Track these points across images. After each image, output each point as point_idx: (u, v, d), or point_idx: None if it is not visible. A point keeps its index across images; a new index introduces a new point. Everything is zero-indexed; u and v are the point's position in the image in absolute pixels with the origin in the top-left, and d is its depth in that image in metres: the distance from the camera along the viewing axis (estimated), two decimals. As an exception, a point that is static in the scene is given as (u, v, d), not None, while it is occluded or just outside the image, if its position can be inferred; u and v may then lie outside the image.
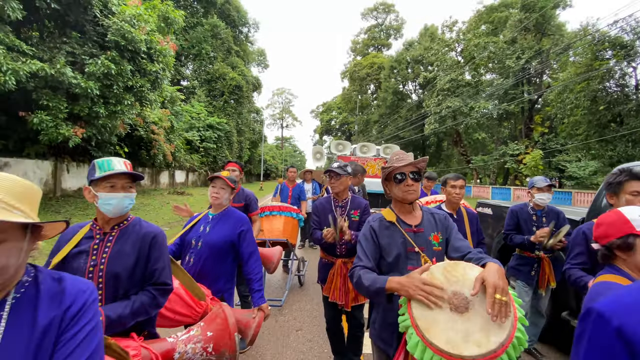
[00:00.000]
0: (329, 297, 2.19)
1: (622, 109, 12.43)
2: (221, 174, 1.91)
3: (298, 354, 2.60)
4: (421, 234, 1.35)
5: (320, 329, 2.91)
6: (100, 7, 8.82)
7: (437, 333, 1.00)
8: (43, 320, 0.67)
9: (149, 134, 13.71)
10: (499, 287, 0.98)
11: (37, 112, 7.64)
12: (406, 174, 1.36)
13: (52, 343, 0.67)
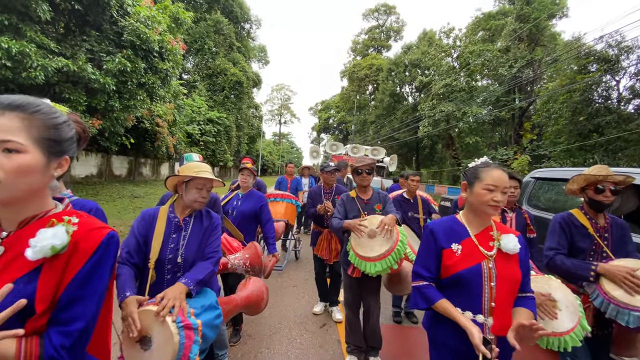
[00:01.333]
0: (317, 254, 3.21)
1: (601, 121, 13.54)
2: (247, 166, 2.88)
3: (294, 301, 3.61)
4: (369, 204, 2.37)
5: (310, 287, 3.90)
6: (117, 7, 9.66)
7: (359, 248, 2.12)
8: (205, 224, 1.63)
9: (154, 127, 14.55)
10: (385, 222, 2.05)
11: (59, 105, 8.50)
12: (362, 170, 2.36)
13: (207, 236, 1.61)
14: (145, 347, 1.22)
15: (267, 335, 2.92)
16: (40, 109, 0.77)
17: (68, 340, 0.75)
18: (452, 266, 1.34)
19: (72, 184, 12.04)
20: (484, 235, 1.39)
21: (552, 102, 15.29)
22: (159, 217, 1.60)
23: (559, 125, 14.59)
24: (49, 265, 0.76)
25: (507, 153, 20.52)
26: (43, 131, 0.77)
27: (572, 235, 1.79)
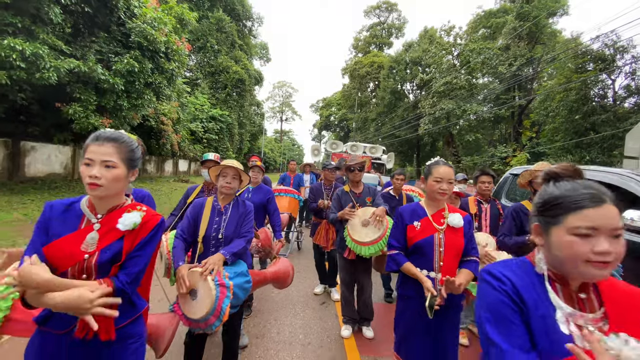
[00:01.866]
0: (316, 242, 3.63)
1: (596, 119, 13.87)
2: (257, 163, 3.28)
3: (297, 284, 4.04)
4: (361, 197, 2.77)
5: (311, 272, 4.32)
6: (124, 9, 10.03)
7: (355, 234, 2.51)
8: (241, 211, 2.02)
9: (159, 125, 14.96)
10: (377, 213, 2.44)
11: (71, 104, 8.91)
12: (355, 168, 2.76)
13: (242, 219, 2.01)
14: (193, 297, 1.73)
15: (275, 310, 3.38)
16: (124, 140, 1.24)
17: (129, 278, 1.18)
18: (413, 237, 1.82)
19: (78, 180, 12.46)
20: (437, 214, 1.86)
21: (550, 101, 15.61)
22: (206, 205, 2.09)
23: (555, 124, 14.92)
24: (128, 235, 1.23)
25: (506, 150, 20.89)
26: (126, 153, 1.22)
27: (522, 220, 2.20)
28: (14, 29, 7.66)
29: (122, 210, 1.25)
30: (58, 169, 11.87)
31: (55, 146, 11.58)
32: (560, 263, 0.83)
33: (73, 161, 12.44)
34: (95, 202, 1.25)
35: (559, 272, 0.85)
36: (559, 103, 14.60)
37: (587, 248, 0.76)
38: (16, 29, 7.68)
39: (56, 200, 1.27)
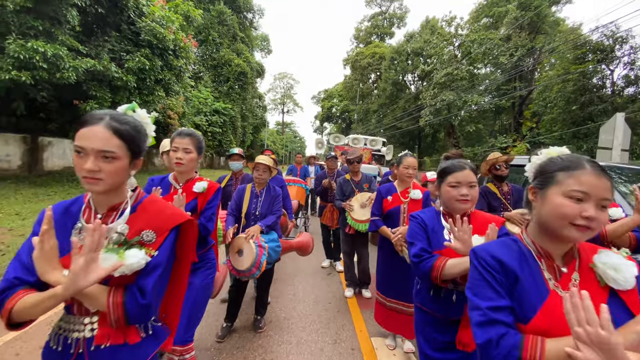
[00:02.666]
0: (323, 222, 4.30)
1: (593, 109, 14.33)
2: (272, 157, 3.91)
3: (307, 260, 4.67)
4: (359, 184, 3.40)
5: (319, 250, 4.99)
6: (133, 9, 10.54)
7: (354, 214, 3.19)
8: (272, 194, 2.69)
9: (166, 119, 15.56)
10: (372, 197, 3.08)
11: (88, 101, 9.53)
12: (354, 160, 3.39)
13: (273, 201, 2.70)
14: (240, 255, 2.44)
15: (289, 279, 4.16)
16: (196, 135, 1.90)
17: (205, 220, 1.86)
18: (386, 207, 2.58)
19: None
20: (404, 191, 2.68)
21: (548, 92, 16.04)
22: (246, 190, 2.83)
23: (553, 114, 15.38)
24: (201, 196, 1.88)
25: (506, 141, 21.33)
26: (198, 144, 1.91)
27: (488, 199, 2.81)
28: (36, 32, 8.23)
29: (194, 180, 1.95)
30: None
31: (69, 141, 12.21)
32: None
33: (86, 155, 13.10)
34: (177, 176, 1.95)
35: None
36: (557, 94, 15.04)
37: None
38: (37, 31, 8.24)
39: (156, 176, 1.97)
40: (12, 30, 7.99)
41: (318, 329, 2.99)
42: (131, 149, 1.00)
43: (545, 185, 0.93)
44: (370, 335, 2.93)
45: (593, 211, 0.83)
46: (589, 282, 0.92)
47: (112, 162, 0.95)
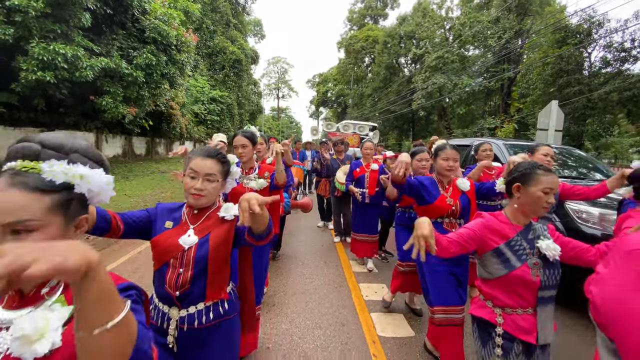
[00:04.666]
0: (318, 192, 5.66)
1: (568, 92, 15.59)
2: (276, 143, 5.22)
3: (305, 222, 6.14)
4: (343, 161, 4.76)
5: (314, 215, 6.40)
6: (137, 7, 11.49)
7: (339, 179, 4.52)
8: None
9: (168, 109, 16.64)
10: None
11: (103, 97, 10.64)
12: (337, 143, 4.73)
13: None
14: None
15: (297, 233, 5.88)
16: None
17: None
18: (356, 175, 3.92)
19: (103, 163, 14.37)
20: (367, 165, 3.98)
21: (530, 74, 17.23)
22: None
23: (534, 96, 16.63)
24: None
25: (494, 121, 22.62)
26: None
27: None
28: (55, 35, 9.26)
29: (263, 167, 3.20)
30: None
31: (81, 133, 13.36)
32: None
33: (97, 146, 14.27)
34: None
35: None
36: (537, 77, 16.24)
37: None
38: (56, 34, 9.27)
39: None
40: (34, 34, 8.99)
41: (316, 258, 4.61)
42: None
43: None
44: (350, 259, 4.59)
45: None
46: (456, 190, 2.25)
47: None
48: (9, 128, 10.63)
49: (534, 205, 1.43)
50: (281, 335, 2.63)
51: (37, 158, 0.72)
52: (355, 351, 2.44)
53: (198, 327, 1.36)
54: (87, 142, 0.83)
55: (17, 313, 0.68)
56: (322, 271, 4.08)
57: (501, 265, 1.45)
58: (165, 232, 1.38)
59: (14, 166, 0.69)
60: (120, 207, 7.40)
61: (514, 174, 1.51)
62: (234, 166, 1.60)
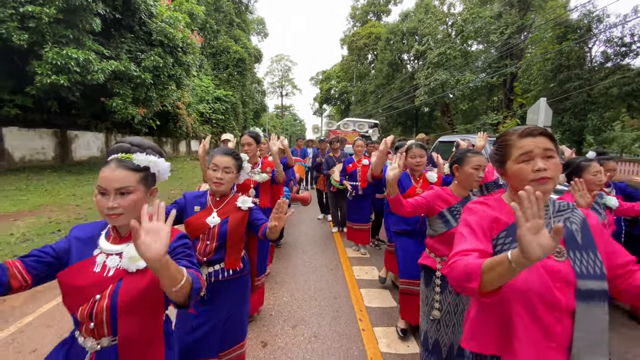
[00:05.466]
0: (317, 187, 6.13)
1: (569, 87, 15.81)
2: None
3: (306, 215, 6.57)
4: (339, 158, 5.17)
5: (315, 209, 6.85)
6: (144, 11, 11.97)
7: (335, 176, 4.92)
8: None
9: (175, 109, 17.18)
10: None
11: (113, 98, 11.17)
12: (333, 141, 5.19)
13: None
14: None
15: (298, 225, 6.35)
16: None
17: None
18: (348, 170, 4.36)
19: (113, 162, 14.94)
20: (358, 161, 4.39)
21: (531, 70, 17.44)
22: None
23: (534, 91, 16.86)
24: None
25: (497, 117, 22.83)
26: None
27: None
28: (67, 40, 9.77)
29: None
30: (96, 152, 14.30)
31: (92, 133, 13.97)
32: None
33: (107, 145, 14.86)
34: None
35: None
36: (537, 72, 16.46)
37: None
38: (68, 39, 9.78)
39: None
40: (47, 40, 9.50)
41: (315, 246, 5.11)
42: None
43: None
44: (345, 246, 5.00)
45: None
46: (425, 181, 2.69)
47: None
48: (24, 129, 11.20)
49: (468, 179, 1.84)
50: (283, 305, 3.12)
51: (129, 152, 1.16)
52: (344, 317, 2.91)
53: (222, 280, 1.85)
54: (153, 143, 1.27)
55: (120, 246, 1.13)
56: (320, 256, 4.55)
57: (443, 225, 1.93)
58: (195, 215, 1.84)
59: (117, 157, 1.14)
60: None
61: (454, 159, 1.96)
62: (245, 162, 2.07)
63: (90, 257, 1.12)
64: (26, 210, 6.88)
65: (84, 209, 7.22)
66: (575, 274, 0.97)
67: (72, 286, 1.08)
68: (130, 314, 1.08)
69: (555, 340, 0.95)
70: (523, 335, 0.97)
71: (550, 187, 0.99)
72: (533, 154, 1.01)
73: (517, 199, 0.78)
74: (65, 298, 1.09)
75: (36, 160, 11.61)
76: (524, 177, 1.02)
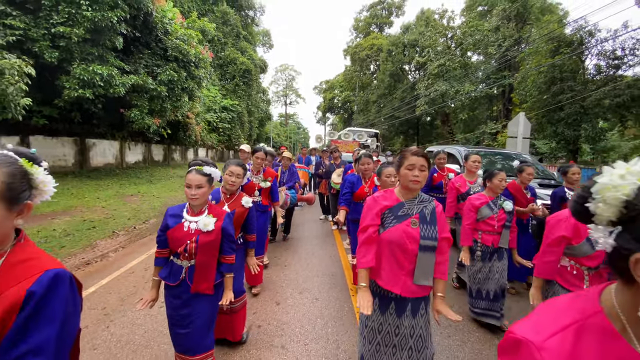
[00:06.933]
0: (319, 190, 7.01)
1: (562, 98, 16.66)
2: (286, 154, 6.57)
3: (309, 215, 7.40)
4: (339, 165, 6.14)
5: (317, 210, 7.70)
6: (161, 29, 13.09)
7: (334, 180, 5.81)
8: (292, 171, 5.44)
9: (185, 119, 18.24)
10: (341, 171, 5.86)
11: (131, 109, 12.20)
12: (332, 151, 6.16)
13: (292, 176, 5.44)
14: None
15: (302, 224, 7.04)
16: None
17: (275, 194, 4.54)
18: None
19: (125, 168, 15.97)
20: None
21: (525, 82, 18.35)
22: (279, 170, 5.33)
23: (528, 103, 17.73)
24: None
25: (495, 127, 23.68)
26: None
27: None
28: (93, 57, 10.83)
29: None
30: (111, 159, 15.29)
31: (108, 142, 14.99)
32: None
33: (121, 153, 15.88)
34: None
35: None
36: (532, 84, 17.36)
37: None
38: (94, 56, 10.84)
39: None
40: (75, 57, 10.56)
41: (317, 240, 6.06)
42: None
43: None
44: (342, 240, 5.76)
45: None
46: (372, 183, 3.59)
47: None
48: (48, 137, 12.22)
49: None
50: (291, 280, 3.97)
51: (201, 165, 2.02)
52: (338, 287, 3.75)
53: None
54: (210, 160, 2.14)
55: (195, 217, 2.02)
56: (321, 247, 5.37)
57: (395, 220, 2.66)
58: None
59: (196, 167, 1.99)
60: (153, 206, 8.83)
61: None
62: (249, 172, 2.99)
63: (180, 223, 2.01)
64: (60, 211, 7.80)
65: (109, 210, 8.14)
66: (420, 236, 1.71)
67: (174, 237, 1.98)
68: (204, 251, 2.00)
69: (404, 270, 1.72)
70: (387, 266, 1.76)
71: (418, 187, 1.76)
72: (414, 166, 1.72)
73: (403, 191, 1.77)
74: (170, 243, 2.02)
75: (58, 167, 12.59)
76: (406, 179, 1.74)
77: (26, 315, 0.76)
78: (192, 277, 1.99)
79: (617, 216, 0.59)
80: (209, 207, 2.08)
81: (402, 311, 1.76)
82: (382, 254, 1.78)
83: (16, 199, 0.83)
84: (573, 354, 0.56)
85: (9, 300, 0.75)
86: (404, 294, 1.74)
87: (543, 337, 0.58)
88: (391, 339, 1.78)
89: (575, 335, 0.58)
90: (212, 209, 2.08)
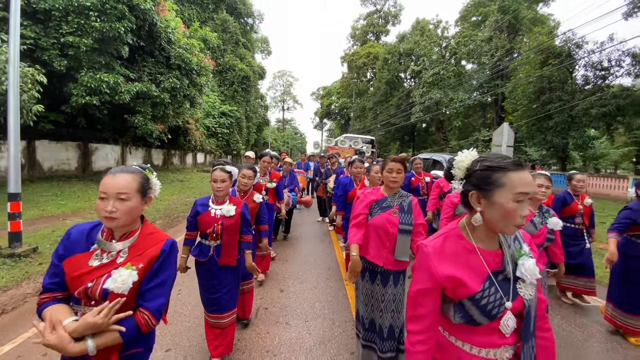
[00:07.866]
0: (318, 194, 7.54)
1: (550, 107, 17.41)
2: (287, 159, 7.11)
3: (307, 218, 7.91)
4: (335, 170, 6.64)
5: (314, 213, 8.21)
6: (165, 39, 13.65)
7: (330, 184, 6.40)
8: (293, 175, 6.00)
9: (185, 124, 18.76)
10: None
11: (135, 115, 12.70)
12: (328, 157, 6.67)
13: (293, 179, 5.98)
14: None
15: (302, 225, 7.46)
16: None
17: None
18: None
19: (127, 172, 16.35)
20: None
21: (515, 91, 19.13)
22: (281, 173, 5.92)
23: (518, 112, 18.48)
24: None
25: (489, 134, 24.44)
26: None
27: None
28: (99, 65, 11.34)
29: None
30: (112, 163, 15.70)
31: (110, 146, 15.43)
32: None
33: (122, 157, 16.31)
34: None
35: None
36: (521, 94, 18.13)
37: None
38: (101, 65, 11.35)
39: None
40: (83, 65, 11.05)
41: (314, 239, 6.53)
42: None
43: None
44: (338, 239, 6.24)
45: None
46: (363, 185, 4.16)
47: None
48: (53, 142, 12.66)
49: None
50: (290, 272, 4.47)
51: (223, 164, 2.56)
52: (334, 277, 4.27)
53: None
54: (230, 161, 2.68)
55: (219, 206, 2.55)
56: (318, 245, 5.86)
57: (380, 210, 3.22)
58: None
59: (219, 167, 2.53)
60: (158, 209, 9.28)
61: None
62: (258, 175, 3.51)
63: (208, 210, 2.53)
64: (69, 212, 8.25)
65: (117, 211, 8.58)
66: (399, 222, 2.25)
67: (204, 221, 2.47)
68: (228, 232, 2.49)
69: (387, 249, 2.25)
70: (373, 245, 2.30)
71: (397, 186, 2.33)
72: (393, 169, 2.30)
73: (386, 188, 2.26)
74: (200, 226, 2.50)
75: (61, 170, 13.01)
76: (387, 179, 2.31)
77: (159, 263, 1.26)
78: (219, 254, 2.48)
79: (463, 175, 1.12)
80: (229, 197, 2.59)
81: (387, 282, 2.30)
82: (369, 236, 2.32)
83: (145, 193, 1.30)
84: (442, 247, 1.08)
85: (150, 255, 1.26)
86: (386, 267, 2.27)
87: (428, 242, 1.11)
88: (379, 304, 2.31)
89: (444, 239, 1.10)
90: (232, 199, 2.58)
